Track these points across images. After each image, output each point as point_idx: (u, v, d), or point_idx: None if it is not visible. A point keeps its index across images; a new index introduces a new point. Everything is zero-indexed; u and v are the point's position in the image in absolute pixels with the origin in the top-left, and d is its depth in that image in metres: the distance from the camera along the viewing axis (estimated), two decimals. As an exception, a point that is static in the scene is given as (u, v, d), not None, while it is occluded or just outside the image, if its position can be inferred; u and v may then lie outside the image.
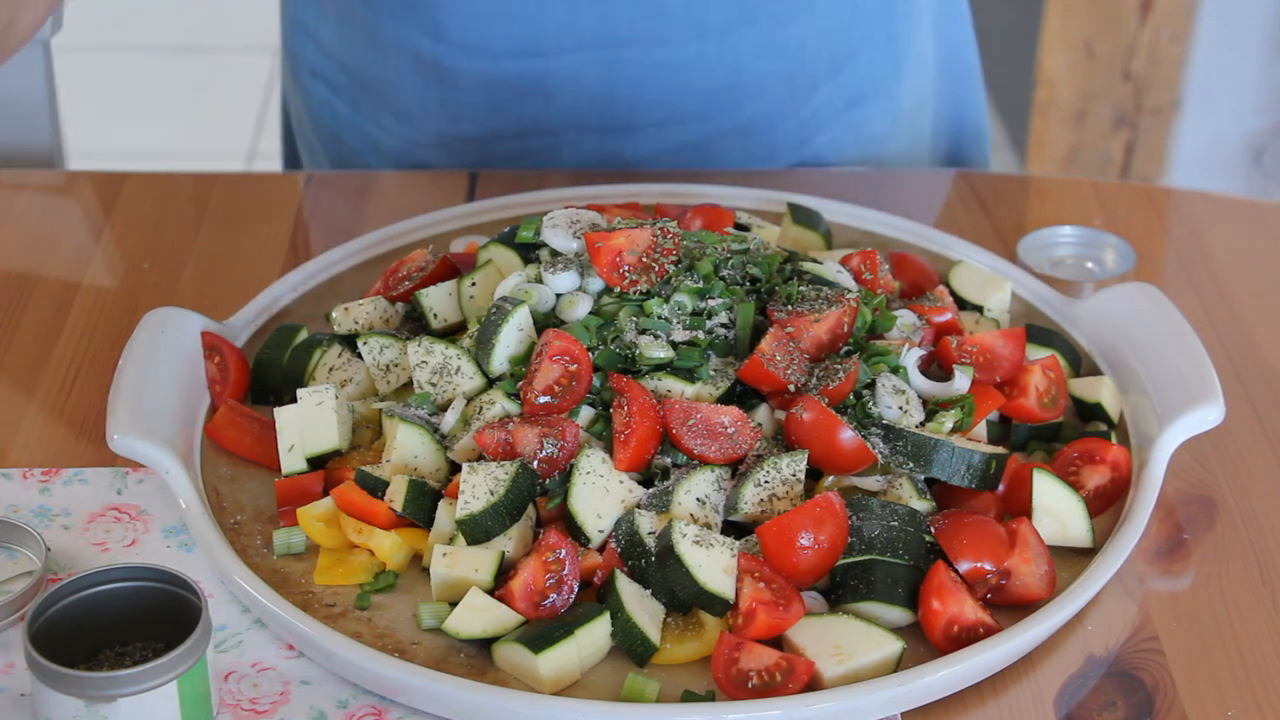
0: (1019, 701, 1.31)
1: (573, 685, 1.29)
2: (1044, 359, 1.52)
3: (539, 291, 1.48)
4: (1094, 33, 3.72)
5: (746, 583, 1.31)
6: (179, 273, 1.74)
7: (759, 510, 1.37)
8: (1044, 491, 1.40)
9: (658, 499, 1.37)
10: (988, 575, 1.35)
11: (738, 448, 1.38)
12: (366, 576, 1.37)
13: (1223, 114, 3.82)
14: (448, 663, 1.30)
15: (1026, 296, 1.68)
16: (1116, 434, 1.52)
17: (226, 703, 1.29)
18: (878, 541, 1.34)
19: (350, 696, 1.30)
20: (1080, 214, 1.85)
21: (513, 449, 1.38)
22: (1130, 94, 3.78)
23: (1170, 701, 1.31)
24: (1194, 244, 1.83)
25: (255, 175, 1.93)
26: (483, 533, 1.35)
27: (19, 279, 1.73)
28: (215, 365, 1.53)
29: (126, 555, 1.41)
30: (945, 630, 1.31)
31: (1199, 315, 1.70)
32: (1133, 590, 1.41)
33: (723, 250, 1.50)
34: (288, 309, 1.65)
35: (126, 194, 1.87)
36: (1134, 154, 3.85)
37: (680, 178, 1.88)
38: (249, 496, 1.45)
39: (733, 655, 1.28)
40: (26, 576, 1.38)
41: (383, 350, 1.50)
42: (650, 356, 1.42)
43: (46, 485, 1.47)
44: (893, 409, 1.42)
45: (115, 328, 1.66)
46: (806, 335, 1.43)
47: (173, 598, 1.26)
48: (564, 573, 1.32)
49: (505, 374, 1.45)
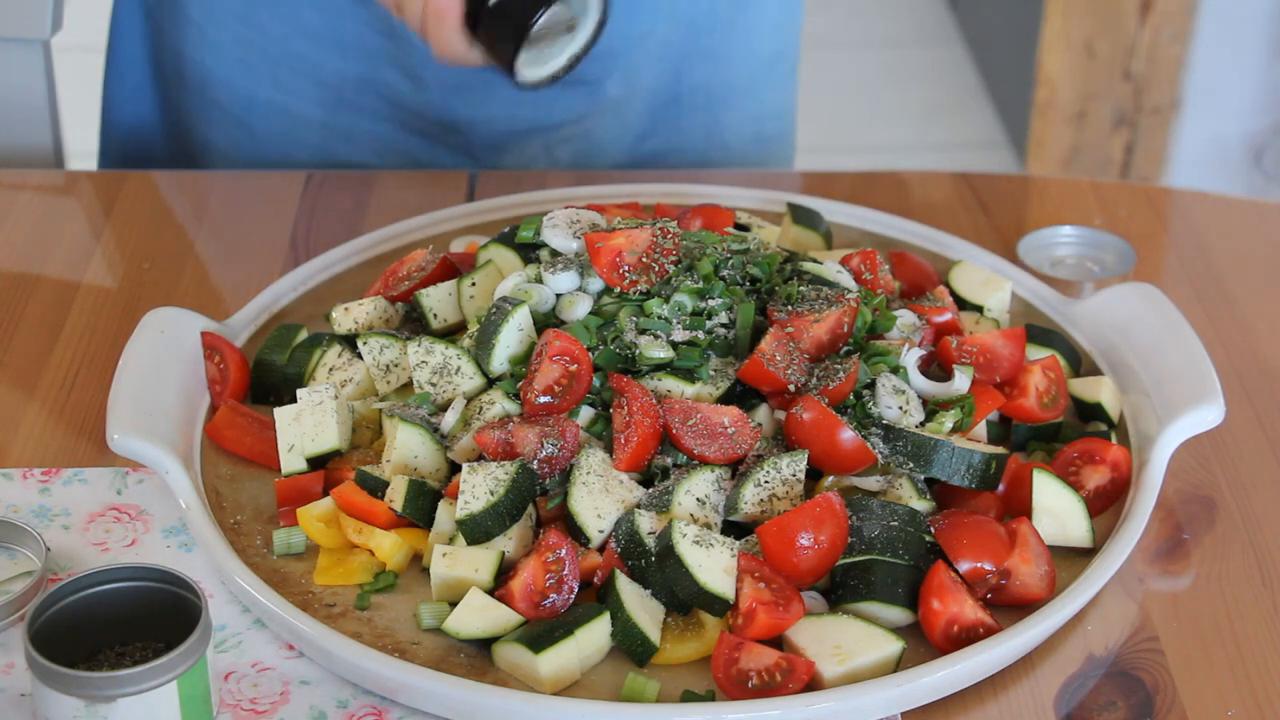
0: (1019, 701, 1.31)
1: (573, 685, 1.29)
2: (1044, 359, 1.52)
3: (539, 291, 1.48)
4: (1094, 33, 3.72)
5: (746, 583, 1.31)
6: (179, 273, 1.74)
7: (759, 510, 1.37)
8: (1044, 491, 1.40)
9: (658, 499, 1.37)
10: (988, 575, 1.35)
11: (738, 448, 1.38)
12: (366, 576, 1.37)
13: (1223, 114, 3.82)
14: (448, 663, 1.30)
15: (1026, 296, 1.68)
16: (1116, 434, 1.52)
17: (226, 703, 1.29)
18: (878, 541, 1.34)
19: (350, 696, 1.30)
20: (1080, 214, 1.86)
21: (513, 449, 1.38)
22: (1130, 94, 3.78)
23: (1170, 701, 1.31)
24: (1194, 244, 1.83)
25: (255, 175, 1.93)
26: (483, 533, 1.35)
27: (19, 279, 1.73)
28: (215, 365, 1.53)
29: (126, 555, 1.41)
30: (945, 630, 1.31)
31: (1199, 315, 1.70)
32: (1133, 590, 1.41)
33: (723, 250, 1.50)
34: (288, 309, 1.65)
35: (126, 194, 1.87)
36: (1134, 154, 3.85)
37: (680, 178, 1.88)
38: (249, 496, 1.45)
39: (733, 655, 1.28)
40: (26, 576, 1.38)
41: (383, 350, 1.50)
42: (650, 356, 1.42)
43: (46, 485, 1.47)
44: (893, 409, 1.42)
45: (115, 328, 1.66)
46: (806, 335, 1.43)
47: (173, 598, 1.26)
48: (564, 573, 1.32)
49: (505, 374, 1.45)
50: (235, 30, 1.91)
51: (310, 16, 1.88)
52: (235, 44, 1.92)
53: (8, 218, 1.83)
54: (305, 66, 1.91)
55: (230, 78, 1.93)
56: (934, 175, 1.94)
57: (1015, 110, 4.10)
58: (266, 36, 1.91)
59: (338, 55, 1.90)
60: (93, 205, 1.86)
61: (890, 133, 4.30)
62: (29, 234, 1.80)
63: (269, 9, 1.89)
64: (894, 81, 4.40)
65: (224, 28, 1.92)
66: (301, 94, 1.93)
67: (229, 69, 1.93)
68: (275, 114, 1.94)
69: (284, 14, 1.89)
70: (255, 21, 1.90)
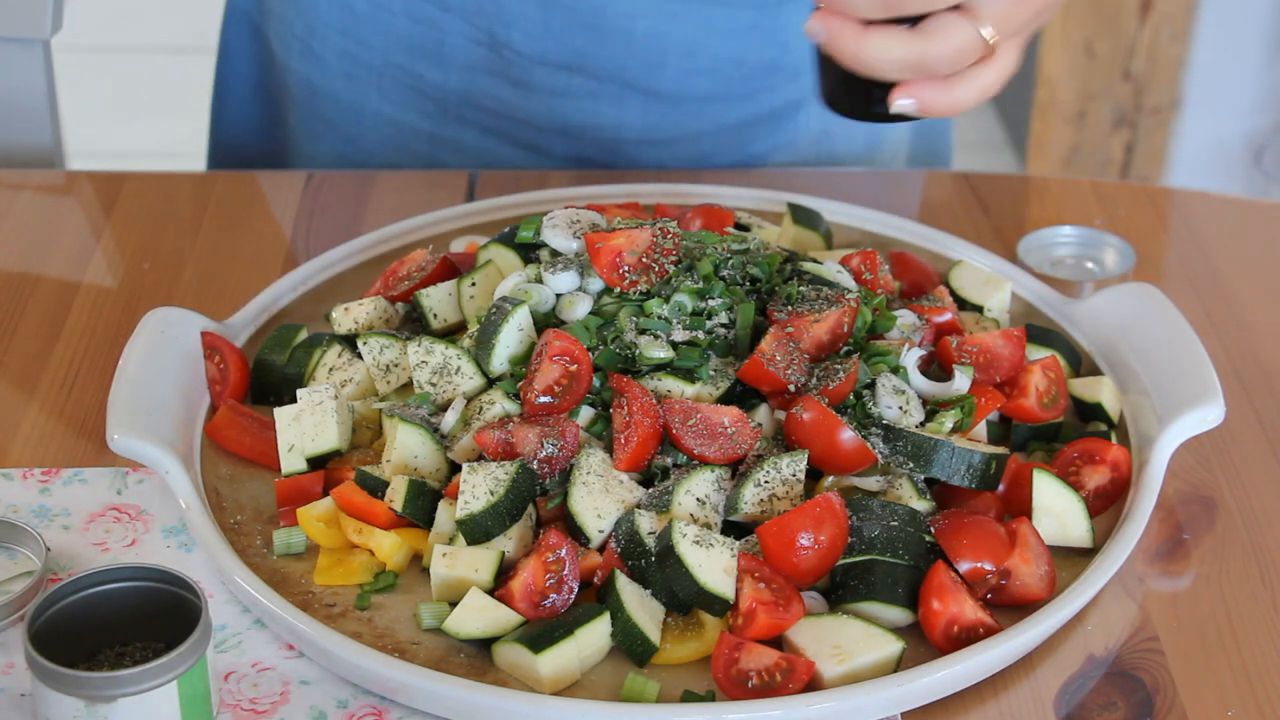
0: (1019, 701, 1.31)
1: (573, 685, 1.29)
2: (1044, 359, 1.52)
3: (539, 291, 1.48)
4: (1094, 33, 3.72)
5: (746, 583, 1.31)
6: (179, 273, 1.74)
7: (759, 510, 1.37)
8: (1044, 491, 1.40)
9: (658, 499, 1.37)
10: (988, 575, 1.35)
11: (738, 448, 1.38)
12: (366, 576, 1.37)
13: (1223, 114, 3.82)
14: (448, 663, 1.30)
15: (1026, 296, 1.68)
16: (1116, 434, 1.52)
17: (226, 703, 1.29)
18: (878, 541, 1.34)
19: (350, 696, 1.30)
20: (1080, 214, 1.86)
21: (513, 449, 1.38)
22: (1130, 94, 3.78)
23: (1170, 701, 1.31)
24: (1194, 244, 1.83)
25: (255, 175, 1.93)
26: (483, 533, 1.35)
27: (19, 279, 1.73)
28: (215, 365, 1.53)
29: (126, 555, 1.41)
30: (945, 630, 1.31)
31: (1199, 315, 1.70)
32: (1133, 590, 1.41)
33: (723, 250, 1.50)
34: (288, 309, 1.65)
35: (126, 194, 1.87)
36: (1134, 154, 3.85)
37: (680, 178, 1.88)
38: (249, 496, 1.45)
39: (733, 655, 1.28)
40: (26, 576, 1.38)
41: (383, 350, 1.50)
42: (650, 356, 1.42)
43: (46, 485, 1.47)
44: (893, 409, 1.42)
45: (115, 328, 1.66)
46: (806, 335, 1.43)
47: (173, 598, 1.26)
48: (564, 573, 1.32)
49: (505, 374, 1.45)
50: (339, 44, 1.92)
51: (405, 27, 1.89)
52: (340, 58, 1.92)
53: (8, 218, 1.83)
54: (408, 78, 1.92)
55: (337, 91, 1.94)
56: (934, 175, 1.94)
57: (1015, 110, 4.10)
58: (369, 49, 1.91)
59: (436, 67, 1.90)
60: (93, 205, 1.86)
61: (890, 133, 4.29)
62: (29, 234, 1.80)
63: (369, 22, 1.90)
64: (894, 81, 4.39)
65: (328, 42, 1.92)
66: (408, 105, 1.93)
67: (336, 83, 1.94)
68: (384, 125, 1.95)
69: (382, 27, 1.89)
70: (357, 35, 1.91)
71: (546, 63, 1.87)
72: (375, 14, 1.89)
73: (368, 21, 1.90)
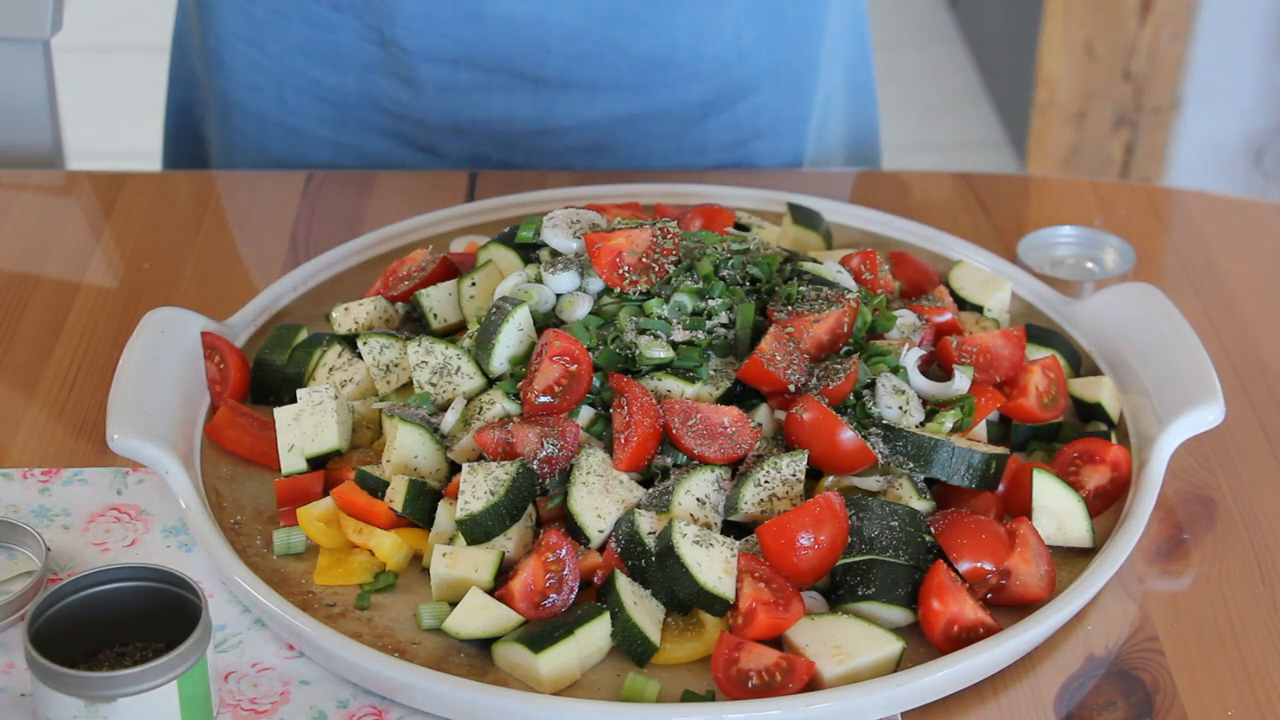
0: (1019, 701, 1.31)
1: (573, 685, 1.29)
2: (1044, 359, 1.52)
3: (539, 291, 1.48)
4: (1094, 33, 3.72)
5: (746, 583, 1.31)
6: (179, 273, 1.74)
7: (759, 510, 1.37)
8: (1044, 491, 1.40)
9: (658, 499, 1.37)
10: (988, 575, 1.35)
11: (738, 448, 1.38)
12: (366, 576, 1.37)
13: (1223, 114, 3.82)
14: (448, 663, 1.30)
15: (1026, 296, 1.68)
16: (1116, 434, 1.52)
17: (226, 703, 1.29)
18: (878, 541, 1.34)
19: (350, 696, 1.30)
20: (1080, 214, 1.86)
21: (513, 449, 1.38)
22: (1130, 94, 3.78)
23: (1170, 701, 1.31)
24: (1194, 244, 1.83)
25: (255, 175, 1.93)
26: (483, 533, 1.35)
27: (19, 279, 1.73)
28: (215, 365, 1.53)
29: (126, 555, 1.41)
30: (945, 630, 1.31)
31: (1199, 315, 1.70)
32: (1133, 590, 1.41)
33: (723, 250, 1.50)
34: (288, 309, 1.65)
35: (126, 194, 1.87)
36: (1134, 154, 3.85)
37: (681, 178, 1.88)
38: (249, 496, 1.45)
39: (733, 655, 1.28)
40: (26, 576, 1.38)
41: (383, 350, 1.50)
42: (650, 356, 1.42)
43: (46, 485, 1.47)
44: (893, 409, 1.42)
45: (115, 328, 1.66)
46: (806, 335, 1.43)
47: (173, 598, 1.26)
48: (564, 573, 1.32)
49: (505, 374, 1.45)
50: (244, 54, 1.92)
51: (301, 32, 1.89)
52: (246, 68, 1.92)
53: (8, 218, 1.83)
54: (306, 84, 1.92)
55: (245, 101, 1.94)
56: (934, 175, 1.94)
57: (1015, 110, 4.10)
58: (269, 56, 1.91)
59: (333, 70, 1.90)
60: (93, 205, 1.86)
61: (890, 133, 4.30)
62: (29, 234, 1.80)
63: (266, 28, 1.90)
64: (894, 81, 4.40)
65: (235, 52, 1.92)
66: (307, 113, 1.93)
67: (243, 93, 1.94)
68: (287, 135, 1.95)
69: (278, 32, 1.89)
70: (258, 42, 1.91)
71: (431, 57, 1.87)
72: (273, 20, 1.89)
73: (265, 27, 1.90)
